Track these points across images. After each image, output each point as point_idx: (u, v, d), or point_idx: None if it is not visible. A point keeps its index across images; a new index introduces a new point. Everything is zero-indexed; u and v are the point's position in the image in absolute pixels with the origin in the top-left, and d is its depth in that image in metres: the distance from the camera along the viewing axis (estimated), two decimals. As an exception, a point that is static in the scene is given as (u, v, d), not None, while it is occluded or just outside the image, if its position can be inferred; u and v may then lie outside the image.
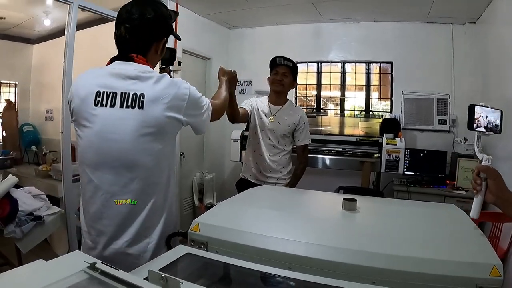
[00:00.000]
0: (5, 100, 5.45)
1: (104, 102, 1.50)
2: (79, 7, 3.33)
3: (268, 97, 3.30)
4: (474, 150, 1.51)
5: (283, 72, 3.17)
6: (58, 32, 4.91)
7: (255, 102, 3.30)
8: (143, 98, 1.49)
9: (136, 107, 1.48)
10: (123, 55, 1.60)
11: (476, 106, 1.48)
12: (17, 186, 3.32)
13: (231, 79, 2.45)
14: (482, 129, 1.50)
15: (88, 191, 1.57)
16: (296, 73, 3.28)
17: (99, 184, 1.53)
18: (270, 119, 3.17)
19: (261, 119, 3.20)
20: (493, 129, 1.53)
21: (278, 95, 3.23)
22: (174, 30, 1.81)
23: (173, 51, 2.04)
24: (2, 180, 3.21)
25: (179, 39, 1.91)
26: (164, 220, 1.61)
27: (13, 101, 5.67)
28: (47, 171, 4.24)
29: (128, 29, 1.57)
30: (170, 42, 1.92)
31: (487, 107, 1.51)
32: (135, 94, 1.49)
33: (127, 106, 1.49)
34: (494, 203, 1.39)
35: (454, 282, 1.06)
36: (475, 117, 1.49)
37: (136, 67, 1.55)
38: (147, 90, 1.50)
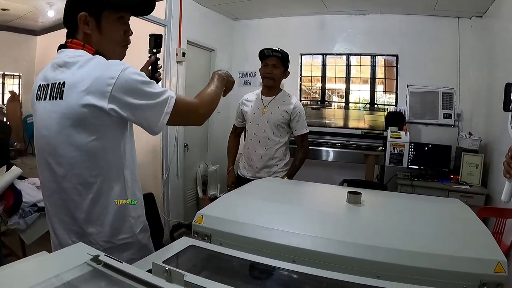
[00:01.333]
0: (9, 91, 5.48)
1: (41, 95, 1.42)
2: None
3: (261, 89, 3.32)
4: (508, 131, 1.43)
5: (272, 63, 3.15)
6: (62, 24, 4.90)
7: (242, 104, 3.38)
8: (63, 87, 1.32)
9: (58, 97, 1.34)
10: (64, 42, 1.47)
11: None
12: (21, 177, 3.33)
13: (228, 81, 1.83)
14: None
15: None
16: (287, 62, 3.24)
17: (42, 180, 1.49)
18: (263, 110, 3.17)
19: (253, 113, 3.20)
20: None
21: (269, 87, 3.23)
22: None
23: (158, 37, 1.93)
24: (6, 171, 3.21)
25: (141, 14, 1.60)
26: (111, 228, 1.43)
27: (17, 93, 5.69)
28: (51, 162, 4.24)
29: (63, 11, 1.44)
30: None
31: None
32: (58, 83, 1.35)
33: (52, 98, 1.36)
34: None
35: (458, 277, 1.06)
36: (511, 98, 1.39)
37: (67, 53, 1.40)
38: (69, 77, 1.33)
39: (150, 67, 1.87)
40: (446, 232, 1.37)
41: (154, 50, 1.90)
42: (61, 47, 1.46)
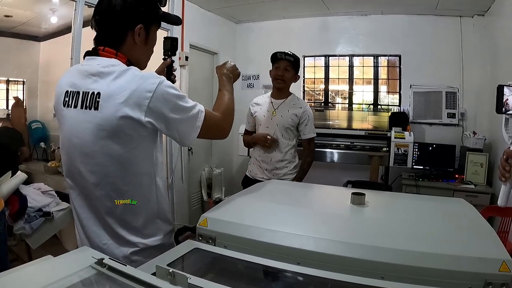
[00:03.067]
0: (13, 97, 5.49)
1: (70, 102, 1.41)
2: (85, 4, 3.34)
3: (271, 92, 3.32)
4: (502, 133, 1.43)
5: (284, 66, 3.17)
6: (65, 29, 4.93)
7: (252, 106, 3.40)
8: (99, 97, 1.33)
9: (93, 108, 1.34)
10: (93, 49, 1.47)
11: (504, 87, 1.38)
12: (26, 182, 3.35)
13: (234, 74, 1.91)
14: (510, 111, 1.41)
15: (68, 191, 1.54)
16: (298, 66, 3.27)
17: (73, 185, 1.49)
18: (273, 113, 3.19)
19: (263, 116, 3.22)
20: None
21: (279, 90, 3.25)
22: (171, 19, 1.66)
23: (174, 40, 1.91)
24: (11, 177, 3.23)
25: (177, 23, 1.71)
26: (143, 232, 1.47)
27: (21, 99, 5.71)
28: (56, 167, 4.26)
29: (97, 21, 1.44)
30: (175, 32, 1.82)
31: None
32: (92, 93, 1.35)
33: (86, 107, 1.36)
34: None
35: (463, 277, 1.05)
36: (504, 99, 1.38)
37: (100, 61, 1.41)
38: (104, 88, 1.34)
39: (165, 70, 1.87)
40: (450, 232, 1.37)
41: (170, 53, 1.90)
42: (89, 53, 1.47)
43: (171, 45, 1.89)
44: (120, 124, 1.32)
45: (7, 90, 5.82)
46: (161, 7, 1.57)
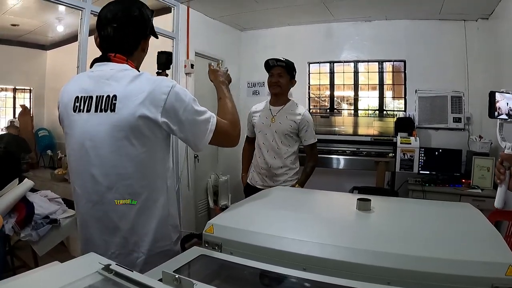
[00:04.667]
0: (20, 105, 5.54)
1: (81, 107, 1.45)
2: (91, 13, 3.37)
3: (269, 99, 3.33)
4: (497, 138, 1.46)
5: (278, 73, 3.20)
6: (71, 38, 4.98)
7: (251, 115, 3.43)
8: (115, 100, 1.39)
9: (109, 110, 1.40)
10: (102, 56, 1.53)
11: (496, 93, 1.42)
12: (33, 190, 3.37)
13: (229, 80, 1.98)
14: (504, 116, 1.45)
15: (74, 199, 1.55)
16: (293, 71, 3.28)
17: (80, 192, 1.50)
18: (271, 119, 3.19)
19: (262, 123, 3.23)
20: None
21: (277, 97, 3.27)
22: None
23: (169, 55, 1.97)
24: (18, 184, 3.24)
25: (156, 37, 1.74)
26: (154, 237, 1.49)
27: (28, 107, 5.75)
28: (63, 174, 4.29)
29: (116, 28, 1.50)
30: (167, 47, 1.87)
31: (508, 93, 1.45)
32: (108, 96, 1.41)
33: (101, 110, 1.41)
34: None
35: (470, 282, 1.05)
36: (496, 104, 1.43)
37: (113, 66, 1.48)
38: (120, 90, 1.41)
39: None
40: (456, 237, 1.36)
41: (164, 67, 1.94)
42: (98, 60, 1.53)
43: (166, 59, 1.94)
44: (138, 124, 1.38)
45: (14, 98, 5.88)
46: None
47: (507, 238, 3.10)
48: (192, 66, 4.64)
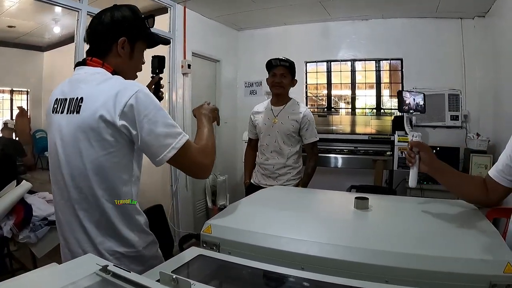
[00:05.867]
0: (18, 107, 5.52)
1: (58, 109, 1.50)
2: (87, 14, 3.36)
3: (270, 99, 3.33)
4: (405, 129, 1.67)
5: (281, 73, 3.19)
6: (68, 39, 4.96)
7: (253, 116, 3.43)
8: (81, 102, 1.41)
9: (75, 112, 1.42)
10: (82, 59, 1.57)
11: (404, 92, 1.67)
12: (31, 191, 3.36)
13: (214, 115, 1.84)
14: (411, 111, 1.70)
15: (53, 197, 1.59)
16: (294, 70, 3.28)
17: (55, 190, 1.53)
18: (273, 120, 3.19)
19: (264, 124, 3.23)
20: (418, 109, 1.83)
21: (279, 97, 3.27)
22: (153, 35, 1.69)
23: (161, 59, 1.99)
24: (16, 186, 3.24)
25: (165, 43, 1.79)
26: (118, 241, 1.47)
27: (25, 108, 5.74)
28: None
29: (88, 32, 1.56)
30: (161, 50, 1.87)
31: (413, 91, 1.67)
32: (76, 98, 1.43)
33: (70, 112, 1.44)
34: (427, 172, 1.69)
35: (468, 279, 1.05)
36: (406, 101, 1.66)
37: (87, 70, 1.51)
38: (86, 92, 1.42)
39: (153, 86, 1.92)
40: (454, 234, 1.36)
41: (157, 71, 1.95)
42: (79, 64, 1.56)
43: (158, 63, 1.96)
44: (98, 126, 1.36)
45: (11, 100, 5.86)
46: (150, 27, 1.66)
47: (504, 236, 3.10)
48: (189, 66, 4.64)
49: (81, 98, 1.42)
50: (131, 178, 1.50)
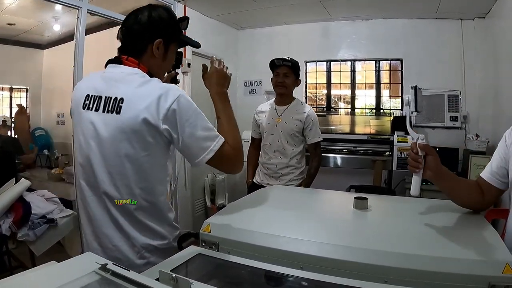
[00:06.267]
0: (17, 105, 5.51)
1: (90, 105, 1.50)
2: (87, 12, 3.36)
3: (274, 99, 3.33)
4: (408, 130, 1.60)
5: (284, 73, 3.19)
6: (68, 37, 4.96)
7: (257, 115, 3.43)
8: (122, 102, 1.43)
9: (114, 112, 1.44)
10: (115, 57, 1.58)
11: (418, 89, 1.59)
12: (30, 189, 3.36)
13: (221, 80, 1.82)
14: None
15: (79, 193, 1.59)
16: (298, 70, 3.28)
17: (85, 186, 1.54)
18: (277, 120, 3.19)
19: (268, 123, 3.23)
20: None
21: (282, 96, 3.26)
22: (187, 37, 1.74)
23: (178, 54, 1.99)
24: (15, 184, 3.24)
25: (196, 47, 1.82)
26: (150, 234, 1.52)
27: (25, 106, 5.73)
28: (60, 174, 4.28)
29: (123, 31, 1.56)
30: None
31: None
32: (115, 98, 1.45)
33: (108, 111, 1.45)
34: (431, 178, 1.55)
35: (467, 280, 1.05)
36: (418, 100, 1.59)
37: (124, 69, 1.52)
38: (127, 93, 1.44)
39: (170, 81, 1.94)
40: (453, 235, 1.36)
41: (174, 66, 1.96)
42: (112, 61, 1.57)
43: (176, 59, 1.94)
44: (141, 128, 1.40)
45: (11, 97, 5.86)
46: (184, 29, 1.71)
47: (503, 236, 3.10)
48: (189, 65, 4.63)
49: (121, 99, 1.43)
50: (165, 177, 1.58)
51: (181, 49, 1.91)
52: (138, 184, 1.47)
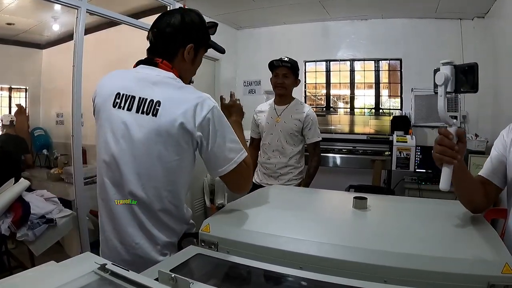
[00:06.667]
0: (16, 104, 5.51)
1: (122, 104, 1.50)
2: (87, 11, 3.35)
3: (274, 99, 3.33)
4: (440, 113, 1.42)
5: (283, 73, 3.19)
6: (67, 37, 4.95)
7: (256, 115, 3.42)
8: (159, 105, 1.45)
9: (151, 114, 1.45)
10: (148, 59, 1.58)
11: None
12: (29, 189, 3.36)
13: (238, 111, 1.95)
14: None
15: (101, 191, 1.58)
16: (297, 70, 3.28)
17: (110, 184, 1.53)
18: (277, 119, 3.19)
19: (267, 123, 3.23)
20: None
21: (281, 97, 3.26)
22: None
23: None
24: (14, 184, 3.23)
25: (221, 52, 1.84)
26: (171, 233, 1.56)
27: (24, 106, 5.72)
28: (59, 174, 4.28)
29: (155, 33, 1.57)
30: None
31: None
32: (151, 100, 1.46)
33: (143, 112, 1.46)
34: (458, 168, 1.35)
35: (466, 280, 1.04)
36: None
37: (159, 72, 1.53)
38: (164, 97, 1.46)
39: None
40: (452, 235, 1.36)
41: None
42: (145, 63, 1.58)
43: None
44: (177, 133, 1.43)
45: (10, 97, 5.85)
46: (211, 35, 1.74)
47: (502, 236, 3.11)
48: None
49: (158, 102, 1.45)
50: (188, 181, 1.61)
51: None
52: (166, 187, 1.49)
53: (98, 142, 1.58)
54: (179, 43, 1.57)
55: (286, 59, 3.19)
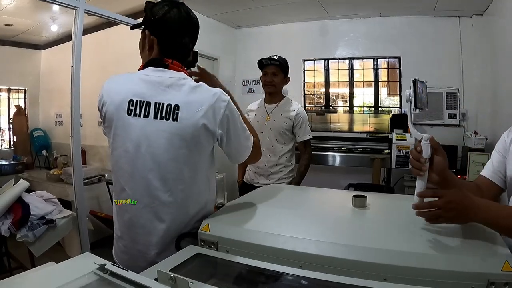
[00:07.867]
0: (15, 106, 5.51)
1: (137, 111, 1.46)
2: (85, 12, 3.35)
3: (264, 97, 3.32)
4: (410, 129, 1.49)
5: (272, 72, 3.19)
6: (65, 38, 4.95)
7: (247, 114, 3.39)
8: (178, 109, 1.42)
9: (171, 119, 1.42)
10: (158, 60, 1.53)
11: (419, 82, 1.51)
12: (29, 190, 3.35)
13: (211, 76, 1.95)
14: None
15: (121, 199, 1.55)
16: (287, 68, 3.26)
17: (131, 193, 1.50)
18: (267, 118, 3.19)
19: (257, 122, 3.21)
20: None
21: (271, 95, 3.26)
22: None
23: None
24: (13, 185, 3.23)
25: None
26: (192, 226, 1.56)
27: (23, 107, 5.73)
28: (58, 175, 4.28)
29: (168, 34, 1.58)
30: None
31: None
32: (169, 105, 1.43)
33: (161, 118, 1.43)
34: (436, 183, 1.32)
35: (466, 277, 1.04)
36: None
37: (172, 74, 1.50)
38: (182, 100, 1.44)
39: None
40: (452, 232, 1.36)
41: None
42: (155, 64, 1.53)
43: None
44: (199, 134, 1.44)
45: (9, 98, 5.85)
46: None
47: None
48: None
49: (176, 106, 1.43)
50: (212, 173, 1.67)
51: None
52: (192, 186, 1.52)
53: (116, 151, 1.53)
54: (192, 44, 1.68)
55: (275, 57, 3.19)
